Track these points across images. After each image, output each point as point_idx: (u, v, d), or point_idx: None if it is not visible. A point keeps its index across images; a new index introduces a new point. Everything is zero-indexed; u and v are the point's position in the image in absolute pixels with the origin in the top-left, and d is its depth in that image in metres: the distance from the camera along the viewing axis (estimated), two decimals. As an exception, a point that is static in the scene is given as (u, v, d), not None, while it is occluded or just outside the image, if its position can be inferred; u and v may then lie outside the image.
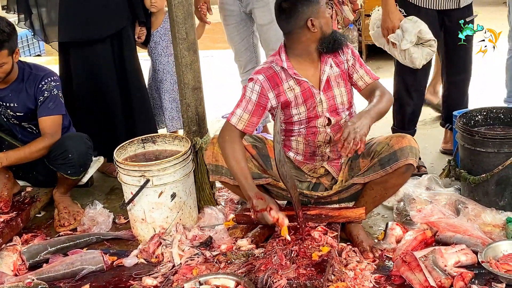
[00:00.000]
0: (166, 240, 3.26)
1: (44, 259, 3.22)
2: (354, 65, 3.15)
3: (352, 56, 3.15)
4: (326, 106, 3.13)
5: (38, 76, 3.58)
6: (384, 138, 3.10)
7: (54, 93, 3.59)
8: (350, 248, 3.09)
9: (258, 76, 3.06)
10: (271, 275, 2.70)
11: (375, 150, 3.08)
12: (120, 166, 3.35)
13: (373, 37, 3.97)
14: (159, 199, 3.33)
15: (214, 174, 3.21)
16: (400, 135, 3.09)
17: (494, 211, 3.24)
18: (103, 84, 4.09)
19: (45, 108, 3.57)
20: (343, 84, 3.15)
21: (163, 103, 4.46)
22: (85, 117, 4.11)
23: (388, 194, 3.19)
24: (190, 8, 3.40)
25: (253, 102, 3.06)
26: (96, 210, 3.70)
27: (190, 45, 3.44)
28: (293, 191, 2.98)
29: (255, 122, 3.09)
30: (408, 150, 2.99)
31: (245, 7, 4.32)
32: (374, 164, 3.05)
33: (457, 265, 2.84)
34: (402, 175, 3.04)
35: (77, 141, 3.62)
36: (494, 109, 3.56)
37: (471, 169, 3.36)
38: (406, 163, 2.98)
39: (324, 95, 3.11)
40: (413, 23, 3.65)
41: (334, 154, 3.23)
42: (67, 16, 4.00)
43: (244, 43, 4.49)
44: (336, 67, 3.13)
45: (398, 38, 3.67)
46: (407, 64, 3.74)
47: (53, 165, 3.60)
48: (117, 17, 4.03)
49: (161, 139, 3.64)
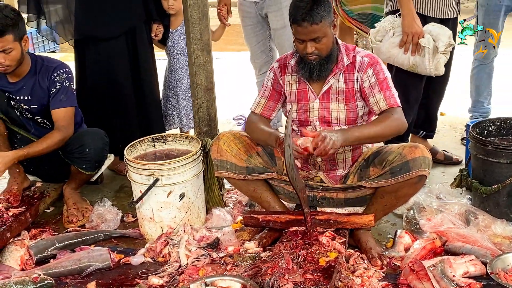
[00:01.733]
0: (173, 240, 3.26)
1: (52, 255, 3.23)
2: (373, 88, 3.05)
3: (374, 76, 3.05)
4: (318, 114, 3.14)
5: (50, 67, 3.58)
6: (397, 147, 3.06)
7: (66, 84, 3.59)
8: (358, 254, 3.07)
9: (274, 64, 3.28)
10: (278, 279, 2.69)
11: (387, 159, 3.04)
12: (130, 164, 3.35)
13: (380, 49, 3.84)
14: (168, 199, 3.33)
15: (219, 169, 3.24)
16: (413, 145, 3.05)
17: (504, 222, 3.21)
18: (117, 82, 4.10)
19: (57, 101, 3.57)
20: (344, 101, 3.11)
21: (180, 102, 4.46)
22: (98, 114, 4.11)
23: (398, 203, 3.16)
24: (205, 9, 3.40)
25: (269, 88, 3.27)
26: (104, 207, 3.70)
27: (204, 45, 3.44)
28: (301, 194, 2.97)
29: (272, 107, 3.28)
30: (421, 161, 2.95)
31: (260, 10, 4.34)
32: (385, 172, 3.03)
33: (465, 276, 2.82)
34: (414, 185, 3.01)
35: (95, 137, 3.64)
36: (508, 120, 3.54)
37: (483, 179, 3.33)
38: (418, 174, 2.94)
39: (320, 103, 3.12)
40: (440, 28, 3.68)
41: (327, 165, 3.23)
42: (82, 13, 4.02)
43: (260, 45, 4.51)
44: (344, 83, 3.09)
45: (428, 43, 3.65)
46: (430, 71, 3.72)
47: (69, 158, 3.62)
48: (131, 15, 4.04)
49: (172, 139, 3.64)
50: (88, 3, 3.99)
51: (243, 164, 3.20)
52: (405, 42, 3.69)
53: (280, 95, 3.25)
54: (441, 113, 5.03)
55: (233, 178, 3.24)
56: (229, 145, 3.21)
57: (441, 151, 4.27)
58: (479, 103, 4.56)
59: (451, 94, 4.92)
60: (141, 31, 4.12)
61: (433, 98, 4.12)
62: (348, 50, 3.13)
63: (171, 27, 4.39)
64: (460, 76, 5.09)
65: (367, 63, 3.08)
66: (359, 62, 3.09)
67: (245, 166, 3.20)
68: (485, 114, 4.53)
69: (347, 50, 3.13)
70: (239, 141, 3.23)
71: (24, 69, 3.55)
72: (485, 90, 4.54)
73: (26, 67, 3.56)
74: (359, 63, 3.09)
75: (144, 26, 4.15)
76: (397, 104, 3.04)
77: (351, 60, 3.10)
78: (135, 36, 4.09)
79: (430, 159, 3.00)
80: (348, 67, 3.10)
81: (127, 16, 4.03)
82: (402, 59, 3.76)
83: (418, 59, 3.70)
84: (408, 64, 3.75)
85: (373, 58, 3.11)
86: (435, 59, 3.68)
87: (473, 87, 4.59)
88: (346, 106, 3.11)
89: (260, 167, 3.23)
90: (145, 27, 4.16)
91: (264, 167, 3.24)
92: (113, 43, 4.03)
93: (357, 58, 3.10)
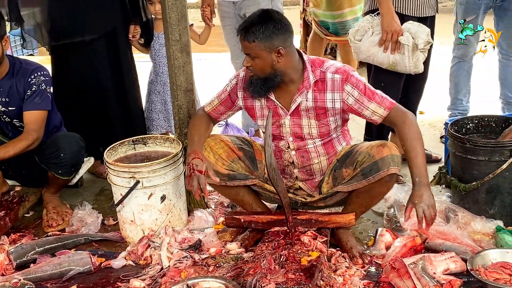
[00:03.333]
0: (155, 242, 3.25)
1: (32, 259, 3.20)
2: (361, 101, 2.98)
3: (355, 90, 2.97)
4: (289, 131, 3.13)
5: (28, 70, 3.52)
6: (366, 147, 3.06)
7: (42, 87, 3.52)
8: (340, 253, 3.08)
9: (241, 71, 3.19)
10: (260, 279, 2.69)
11: (357, 160, 3.05)
12: (110, 167, 3.33)
13: (359, 48, 3.86)
14: (149, 201, 3.31)
15: None
16: (381, 143, 3.03)
17: (484, 219, 3.24)
18: (98, 84, 4.07)
19: (31, 102, 3.49)
20: (314, 117, 3.07)
21: (168, 106, 4.42)
22: (78, 117, 4.08)
23: (374, 202, 3.19)
24: (183, 10, 3.39)
25: (226, 93, 3.24)
26: (85, 211, 3.68)
27: (183, 46, 3.43)
28: (283, 195, 2.97)
29: (222, 111, 3.30)
30: (389, 160, 2.95)
31: (239, 10, 4.35)
32: (357, 174, 3.03)
33: (446, 273, 2.84)
34: (386, 184, 3.02)
35: (70, 141, 3.60)
36: (486, 117, 3.57)
37: (462, 177, 3.36)
38: (388, 173, 2.95)
39: (291, 119, 3.11)
40: (418, 26, 3.72)
41: (304, 175, 3.24)
42: (60, 18, 3.97)
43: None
44: (313, 102, 3.03)
45: (408, 41, 3.68)
46: (409, 69, 3.75)
47: (45, 164, 3.58)
48: (111, 16, 4.02)
49: (152, 141, 3.63)
50: (65, 7, 3.94)
51: (224, 171, 3.18)
52: (385, 41, 3.72)
53: (233, 104, 3.23)
54: (420, 111, 5.07)
55: (214, 184, 3.23)
56: (210, 151, 3.19)
57: None
58: (458, 101, 4.60)
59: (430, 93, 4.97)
60: (121, 33, 4.10)
61: (412, 97, 4.14)
62: (314, 66, 3.03)
63: (157, 30, 4.36)
64: (439, 75, 5.14)
65: (341, 80, 2.98)
66: (331, 81, 3.00)
67: (226, 174, 3.19)
68: (464, 112, 4.58)
69: (313, 67, 3.03)
70: (220, 146, 3.22)
71: (2, 70, 3.49)
72: (464, 87, 4.58)
73: (4, 69, 3.50)
74: (330, 82, 3.00)
75: (123, 28, 4.13)
76: (391, 103, 3.02)
77: (318, 77, 3.02)
78: (115, 38, 4.07)
79: (398, 156, 2.99)
80: (318, 85, 3.02)
81: (107, 18, 4.00)
82: (382, 58, 3.78)
83: (398, 57, 3.73)
84: (388, 63, 3.77)
85: (344, 72, 3.00)
86: (414, 56, 3.71)
87: (452, 85, 4.63)
88: (317, 122, 3.09)
89: (241, 173, 3.22)
90: (124, 28, 4.14)
91: (245, 174, 3.23)
92: (94, 45, 4.00)
93: (327, 75, 3.00)
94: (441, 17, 4.60)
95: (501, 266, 2.82)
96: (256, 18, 2.91)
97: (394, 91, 3.92)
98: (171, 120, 4.40)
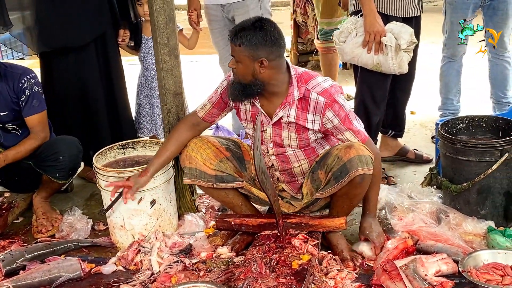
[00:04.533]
0: (145, 247, 3.23)
1: (21, 266, 3.17)
2: (339, 129, 3.01)
3: (336, 117, 2.97)
4: (270, 138, 3.14)
5: (16, 74, 3.54)
6: (336, 149, 3.03)
7: (35, 90, 3.57)
8: (331, 256, 3.07)
9: (231, 73, 3.14)
10: (250, 284, 2.68)
11: (327, 163, 3.04)
12: (99, 172, 3.31)
13: (344, 50, 3.86)
14: (139, 206, 3.29)
15: (188, 177, 3.20)
16: (348, 145, 2.98)
17: (475, 220, 3.23)
18: (87, 89, 4.05)
19: (30, 107, 3.56)
20: (295, 131, 3.07)
21: (155, 110, 4.41)
22: (67, 122, 4.06)
23: (354, 203, 3.15)
24: (171, 13, 3.37)
25: (218, 96, 3.22)
26: (75, 216, 3.65)
27: (171, 50, 3.41)
28: (273, 198, 2.96)
29: (216, 114, 3.27)
30: (357, 161, 2.92)
31: (227, 13, 4.32)
32: (330, 178, 3.02)
33: (437, 274, 2.83)
34: (360, 185, 2.98)
35: (69, 144, 3.61)
36: (476, 118, 3.56)
37: (453, 177, 3.35)
38: (356, 174, 2.92)
39: (273, 129, 3.11)
40: (401, 26, 3.71)
41: (286, 177, 3.24)
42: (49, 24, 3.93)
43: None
44: (295, 119, 3.02)
45: (390, 41, 3.67)
46: (393, 70, 3.74)
47: (41, 167, 3.57)
48: (100, 21, 3.99)
49: (142, 145, 3.61)
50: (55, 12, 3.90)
51: (212, 172, 3.17)
52: (368, 42, 3.71)
53: (226, 105, 3.23)
54: (412, 112, 5.08)
55: (202, 185, 3.22)
56: (197, 151, 3.18)
57: (411, 150, 4.30)
58: (449, 101, 4.59)
59: (421, 93, 4.98)
60: (110, 37, 4.08)
61: (400, 97, 4.14)
62: (301, 82, 3.01)
63: (146, 34, 4.34)
64: (430, 74, 5.14)
65: (324, 105, 2.96)
66: (314, 102, 2.97)
67: (213, 175, 3.17)
68: (454, 112, 4.57)
69: (299, 82, 3.01)
70: (207, 147, 3.20)
71: None
72: (454, 87, 4.57)
73: None
74: (314, 103, 2.98)
75: (113, 32, 4.11)
76: (365, 137, 3.06)
77: (302, 94, 2.99)
78: (105, 42, 4.05)
79: (366, 156, 2.94)
80: (301, 103, 3.00)
81: (96, 23, 3.97)
82: (366, 59, 3.77)
83: (382, 58, 3.72)
84: (372, 64, 3.76)
85: (330, 97, 2.96)
86: (397, 57, 3.70)
87: (442, 84, 4.62)
88: (297, 136, 3.09)
89: (229, 175, 3.20)
90: (113, 32, 4.12)
91: (233, 176, 3.22)
92: (83, 51, 3.98)
93: (311, 95, 2.98)
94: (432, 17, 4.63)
95: (492, 267, 2.82)
96: (248, 24, 2.91)
97: (380, 92, 3.93)
98: (158, 124, 4.39)
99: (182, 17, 7.10)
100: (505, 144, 3.19)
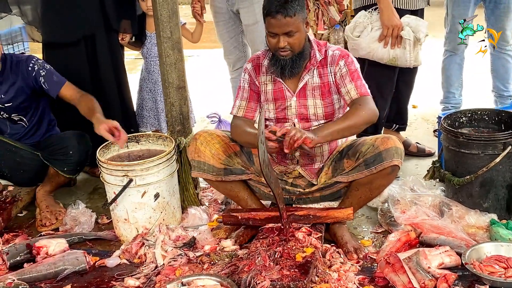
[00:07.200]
0: (149, 240, 3.24)
1: (26, 259, 3.18)
2: (344, 78, 3.09)
3: (345, 67, 3.09)
4: (295, 112, 3.16)
5: (21, 60, 3.61)
6: (370, 139, 3.09)
7: (47, 67, 3.63)
8: (334, 249, 3.08)
9: (247, 65, 3.26)
10: (255, 276, 2.69)
11: (360, 150, 3.07)
12: (103, 166, 3.32)
13: (360, 45, 3.85)
14: (142, 199, 3.30)
15: (196, 170, 3.21)
16: (386, 136, 3.09)
17: (478, 213, 3.24)
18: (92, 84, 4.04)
19: (53, 84, 3.61)
20: (320, 97, 3.13)
21: (158, 105, 4.40)
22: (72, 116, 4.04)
23: (373, 195, 3.18)
24: (174, 7, 3.38)
25: (247, 90, 3.25)
26: (78, 209, 3.66)
27: (175, 44, 3.42)
28: (276, 191, 2.97)
29: (254, 107, 3.27)
30: (393, 151, 2.98)
31: (232, 6, 4.31)
32: (359, 164, 3.05)
33: (440, 267, 2.84)
34: (387, 176, 3.04)
35: (79, 139, 3.62)
36: (479, 111, 3.56)
37: (456, 170, 3.36)
38: (391, 164, 2.98)
39: (297, 101, 3.14)
40: (416, 19, 3.74)
41: (305, 159, 3.23)
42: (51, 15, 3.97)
43: (233, 41, 4.48)
44: (318, 78, 3.13)
45: (409, 35, 3.69)
46: (410, 63, 3.77)
47: (50, 160, 3.58)
48: (86, 23, 3.97)
49: (145, 139, 3.62)
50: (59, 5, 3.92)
51: (220, 166, 3.18)
52: (385, 36, 3.72)
53: (259, 95, 3.25)
54: (414, 105, 5.08)
55: (210, 179, 3.23)
56: (206, 145, 3.18)
57: (414, 143, 4.31)
58: (451, 94, 4.60)
59: (423, 86, 4.98)
60: (101, 40, 4.04)
61: (403, 90, 4.16)
62: (320, 46, 3.17)
63: (149, 30, 4.33)
64: (432, 68, 5.14)
65: (338, 56, 3.12)
66: (331, 56, 3.13)
67: (222, 168, 3.18)
68: (456, 106, 4.58)
69: (319, 46, 3.16)
70: (217, 141, 3.20)
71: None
72: (456, 80, 4.58)
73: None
74: (330, 57, 3.13)
75: (105, 35, 4.06)
76: (367, 93, 3.09)
77: (323, 55, 3.13)
78: (94, 45, 4.03)
79: (402, 150, 3.04)
80: (321, 62, 3.13)
81: (82, 23, 3.96)
82: (382, 53, 3.79)
83: (399, 51, 3.74)
84: (388, 58, 3.78)
85: (343, 51, 3.16)
86: (415, 50, 3.74)
87: (444, 78, 4.63)
88: (322, 101, 3.14)
89: (238, 168, 3.21)
90: (107, 35, 4.07)
91: (241, 169, 3.23)
92: (72, 49, 3.99)
93: (328, 53, 3.14)
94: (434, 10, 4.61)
95: (495, 260, 2.83)
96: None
97: (389, 85, 3.94)
98: (161, 119, 4.39)
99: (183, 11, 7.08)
100: (507, 137, 3.19)
